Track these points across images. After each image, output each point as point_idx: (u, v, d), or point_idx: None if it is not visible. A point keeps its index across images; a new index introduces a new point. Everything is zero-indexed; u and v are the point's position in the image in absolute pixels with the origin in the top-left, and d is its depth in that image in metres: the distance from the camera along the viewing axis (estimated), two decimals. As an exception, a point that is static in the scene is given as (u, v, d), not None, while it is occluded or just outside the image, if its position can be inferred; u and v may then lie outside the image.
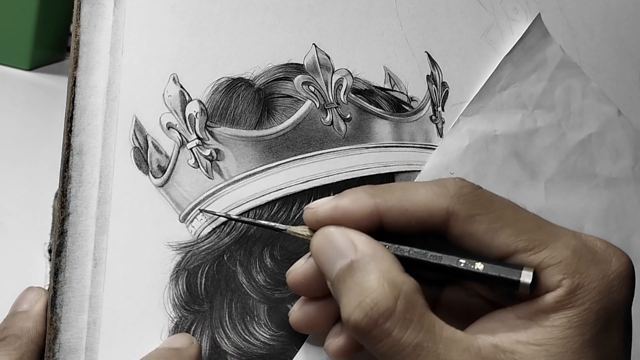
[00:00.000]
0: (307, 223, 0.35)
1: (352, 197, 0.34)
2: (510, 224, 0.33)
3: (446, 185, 0.33)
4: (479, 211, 0.33)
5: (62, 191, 0.35)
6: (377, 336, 0.31)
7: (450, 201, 0.33)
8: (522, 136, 0.45)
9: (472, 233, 0.33)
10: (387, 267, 0.32)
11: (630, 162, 0.50)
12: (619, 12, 0.52)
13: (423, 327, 0.31)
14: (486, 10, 0.46)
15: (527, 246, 0.32)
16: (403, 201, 0.33)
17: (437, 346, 0.30)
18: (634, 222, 0.50)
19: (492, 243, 0.32)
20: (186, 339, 0.36)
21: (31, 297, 0.36)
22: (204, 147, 0.37)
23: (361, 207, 0.33)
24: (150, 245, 0.36)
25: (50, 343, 0.34)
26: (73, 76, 0.35)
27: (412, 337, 0.30)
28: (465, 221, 0.33)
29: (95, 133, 0.36)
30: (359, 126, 0.41)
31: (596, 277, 0.32)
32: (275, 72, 0.39)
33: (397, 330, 0.30)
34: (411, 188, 0.34)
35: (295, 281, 0.36)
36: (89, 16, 0.36)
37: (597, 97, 0.49)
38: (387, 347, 0.30)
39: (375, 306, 0.30)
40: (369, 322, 0.31)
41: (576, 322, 0.31)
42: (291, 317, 0.37)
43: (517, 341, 0.31)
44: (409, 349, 0.30)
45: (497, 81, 0.45)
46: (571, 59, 0.48)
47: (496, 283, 0.32)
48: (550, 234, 0.33)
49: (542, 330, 0.31)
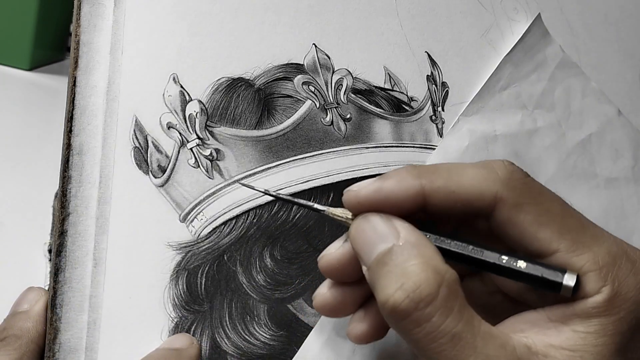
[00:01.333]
0: (348, 206, 0.33)
1: (396, 178, 0.32)
2: (556, 220, 0.32)
3: (495, 168, 0.32)
4: (528, 200, 0.32)
5: (62, 191, 0.35)
6: (416, 320, 0.30)
7: (500, 186, 0.32)
8: (522, 136, 0.45)
9: (518, 222, 0.32)
10: (430, 254, 0.31)
11: (630, 162, 0.50)
12: (619, 12, 0.52)
13: (463, 317, 0.30)
14: (486, 10, 0.46)
15: (570, 247, 0.32)
16: (450, 182, 0.32)
17: (475, 339, 0.30)
18: (633, 222, 0.50)
19: (535, 235, 0.32)
20: (186, 339, 0.35)
21: (31, 297, 0.36)
22: (204, 147, 0.37)
23: (406, 189, 0.32)
24: (151, 245, 0.36)
25: (51, 343, 0.34)
26: (73, 76, 0.35)
27: (452, 326, 0.29)
28: (513, 209, 0.32)
29: (95, 133, 0.36)
30: (359, 126, 0.41)
31: (633, 287, 0.31)
32: (275, 72, 0.39)
33: (437, 316, 0.29)
34: (458, 169, 0.33)
35: (329, 265, 0.34)
36: (89, 16, 0.36)
37: (597, 97, 0.49)
38: (424, 333, 0.30)
39: (418, 289, 0.30)
40: (409, 305, 0.29)
41: (610, 330, 0.31)
42: (317, 299, 0.35)
43: (550, 345, 0.31)
44: (447, 337, 0.29)
45: (497, 81, 0.45)
46: (571, 59, 0.48)
47: (537, 283, 0.32)
48: (594, 237, 0.32)
49: (575, 336, 0.31)
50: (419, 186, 0.32)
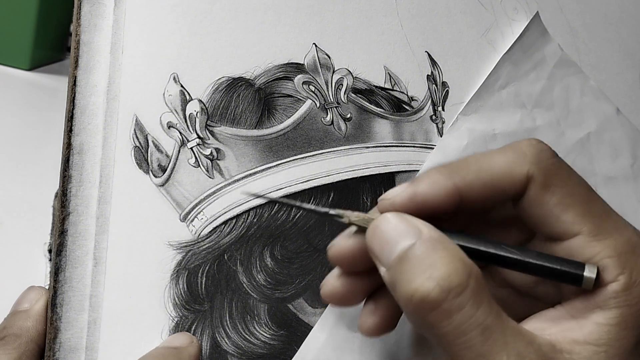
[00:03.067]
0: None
1: (428, 181, 0.32)
2: (581, 203, 0.32)
3: (522, 149, 0.32)
4: (556, 182, 0.32)
5: (63, 190, 0.35)
6: (446, 311, 0.29)
7: (529, 166, 0.32)
8: (521, 135, 0.45)
9: (544, 203, 0.32)
10: (455, 248, 0.30)
11: (629, 161, 0.50)
12: (619, 12, 0.53)
13: (492, 311, 0.29)
14: (486, 10, 0.46)
15: (591, 231, 0.31)
16: (482, 174, 0.32)
17: (505, 333, 0.29)
18: (632, 220, 0.50)
19: (559, 217, 0.32)
20: (186, 338, 0.36)
21: (32, 297, 0.36)
22: (204, 146, 0.37)
23: (440, 190, 0.32)
24: (151, 244, 0.36)
25: (51, 342, 0.34)
26: (73, 75, 0.35)
27: (483, 318, 0.29)
28: (541, 189, 0.32)
29: (95, 132, 0.36)
30: (359, 126, 0.41)
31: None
32: (275, 72, 0.39)
33: (469, 306, 0.28)
34: (486, 159, 0.32)
35: (341, 255, 0.33)
36: (89, 16, 0.36)
37: (596, 96, 0.49)
38: (454, 325, 0.29)
39: (449, 277, 0.29)
40: (439, 294, 0.28)
41: (631, 322, 0.30)
42: (325, 287, 0.34)
43: (573, 340, 0.30)
44: (478, 330, 0.28)
45: (495, 80, 0.45)
46: (570, 58, 0.48)
47: (558, 277, 0.31)
48: (616, 224, 0.32)
49: (598, 329, 0.30)
50: (452, 185, 0.32)
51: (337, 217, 0.33)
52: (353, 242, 0.33)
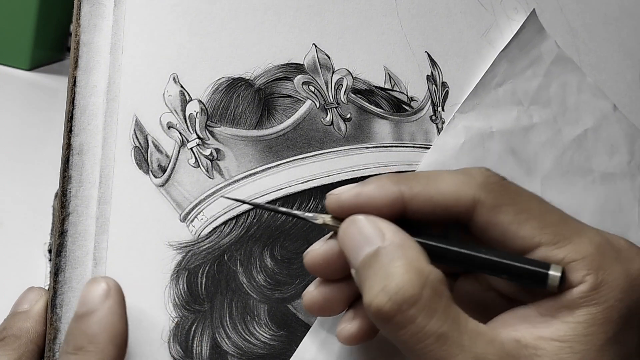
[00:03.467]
0: (330, 210, 0.34)
1: (376, 183, 0.33)
2: (535, 217, 0.32)
3: (472, 174, 0.33)
4: (506, 201, 0.33)
5: (62, 191, 0.35)
6: (400, 322, 0.30)
7: (476, 190, 0.33)
8: (518, 132, 0.45)
9: (497, 223, 0.32)
10: (414, 256, 0.31)
11: (626, 157, 0.50)
12: (619, 12, 0.52)
13: (448, 317, 0.30)
14: (486, 10, 0.46)
15: (551, 240, 0.32)
16: (428, 188, 0.33)
17: (461, 337, 0.30)
18: (629, 217, 0.50)
19: (516, 234, 0.32)
20: (101, 290, 0.33)
21: (32, 297, 0.36)
22: (204, 146, 0.37)
23: (385, 194, 0.33)
24: (151, 244, 0.36)
25: (51, 343, 0.34)
26: (73, 76, 0.35)
27: (437, 326, 0.30)
28: (491, 211, 0.32)
29: (95, 133, 0.36)
30: (359, 126, 0.41)
31: (619, 275, 0.31)
32: (275, 72, 0.39)
33: (421, 317, 0.30)
34: (437, 176, 0.33)
35: (314, 262, 0.35)
36: (89, 16, 0.36)
37: (593, 93, 0.49)
38: (409, 334, 0.30)
39: (400, 291, 0.30)
40: (392, 307, 0.30)
41: (600, 319, 0.31)
42: (306, 297, 0.36)
43: (539, 337, 0.31)
44: (433, 337, 0.30)
45: (492, 78, 0.45)
46: (566, 54, 0.48)
47: (524, 278, 0.32)
48: (575, 229, 0.33)
49: (565, 326, 0.31)
50: (398, 192, 0.33)
51: (312, 220, 0.34)
52: (327, 248, 0.34)
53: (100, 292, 0.33)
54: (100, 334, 0.32)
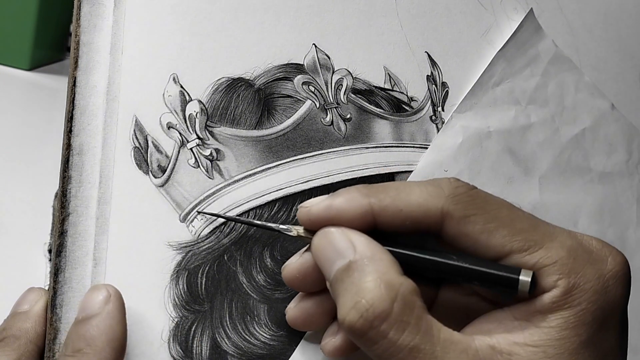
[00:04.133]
0: (301, 222, 0.35)
1: (345, 196, 0.33)
2: (505, 224, 0.32)
3: (441, 185, 0.33)
4: (474, 211, 0.33)
5: (62, 191, 0.35)
6: (372, 338, 0.30)
7: (444, 201, 0.33)
8: (516, 132, 0.45)
9: (467, 233, 0.33)
10: (385, 268, 0.31)
11: (624, 157, 0.50)
12: (619, 12, 0.52)
13: (420, 329, 0.30)
14: (486, 11, 0.46)
15: (522, 246, 0.32)
16: (397, 201, 0.33)
17: (434, 348, 0.30)
18: (628, 216, 0.50)
19: (487, 243, 0.32)
20: (101, 295, 0.34)
21: (31, 298, 0.36)
22: (204, 147, 0.37)
23: (355, 207, 0.33)
24: (151, 245, 0.36)
25: (50, 343, 0.34)
26: (73, 76, 0.35)
27: (409, 340, 0.30)
28: (460, 221, 0.33)
29: (95, 133, 0.36)
30: (359, 126, 0.41)
31: (592, 277, 0.31)
32: (275, 72, 0.39)
33: (393, 332, 0.30)
34: (406, 188, 0.34)
35: (291, 276, 0.35)
36: (89, 16, 0.36)
37: (591, 92, 0.49)
38: (382, 349, 0.30)
39: (371, 307, 0.30)
40: (364, 324, 0.30)
41: (573, 322, 0.31)
42: (288, 314, 0.36)
43: (514, 342, 0.31)
44: (405, 351, 0.30)
45: (490, 77, 0.45)
46: (564, 54, 0.48)
47: (495, 284, 0.32)
48: (546, 233, 0.33)
49: (538, 331, 0.31)
50: (367, 204, 0.33)
51: (286, 232, 0.35)
52: (303, 261, 0.35)
53: (100, 298, 0.33)
54: (98, 337, 0.32)
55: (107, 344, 0.32)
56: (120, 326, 0.33)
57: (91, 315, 0.33)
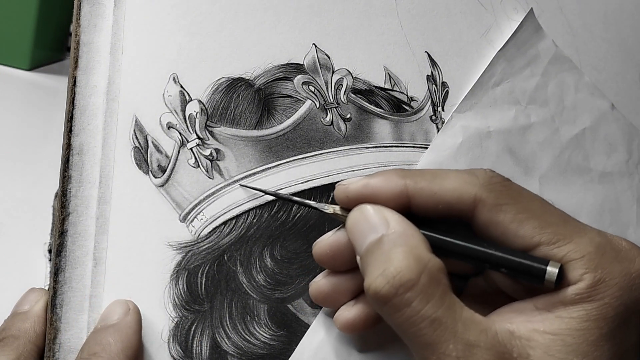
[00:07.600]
0: (338, 199, 0.35)
1: (383, 176, 0.34)
2: (536, 216, 0.33)
3: (476, 173, 0.34)
4: (507, 201, 0.33)
5: (62, 191, 0.35)
6: (396, 305, 0.31)
7: (479, 189, 0.33)
8: (516, 132, 0.45)
9: (498, 222, 0.33)
10: (415, 244, 0.32)
11: (624, 156, 0.50)
12: (619, 12, 0.52)
13: (444, 303, 0.31)
14: (486, 11, 0.46)
15: (551, 239, 0.33)
16: (433, 184, 0.34)
17: (455, 324, 0.31)
18: (628, 216, 0.50)
19: (517, 233, 0.33)
20: (121, 309, 0.35)
21: (32, 298, 0.36)
22: (204, 147, 0.37)
23: (391, 187, 0.34)
24: (151, 245, 0.36)
25: (50, 343, 0.34)
26: (73, 76, 0.35)
27: (432, 311, 0.31)
28: (492, 209, 0.33)
29: (95, 133, 0.36)
30: (359, 126, 0.41)
31: (618, 274, 0.32)
32: (275, 72, 0.39)
33: (417, 302, 0.31)
34: (442, 173, 0.35)
35: (322, 251, 0.36)
36: (89, 16, 0.36)
37: (591, 92, 0.49)
38: (404, 317, 0.31)
39: (398, 275, 0.31)
40: (389, 290, 0.31)
41: (594, 315, 0.31)
42: (312, 287, 0.37)
43: (533, 329, 0.32)
44: (427, 322, 0.30)
45: (490, 77, 0.45)
46: (564, 54, 0.48)
47: (523, 273, 0.33)
48: (575, 229, 0.33)
49: (559, 321, 0.32)
50: (403, 185, 0.34)
51: (323, 209, 0.36)
52: (335, 238, 0.36)
53: (120, 311, 0.35)
54: (114, 343, 0.33)
55: (122, 351, 0.33)
56: (136, 337, 0.34)
57: (110, 325, 0.34)
